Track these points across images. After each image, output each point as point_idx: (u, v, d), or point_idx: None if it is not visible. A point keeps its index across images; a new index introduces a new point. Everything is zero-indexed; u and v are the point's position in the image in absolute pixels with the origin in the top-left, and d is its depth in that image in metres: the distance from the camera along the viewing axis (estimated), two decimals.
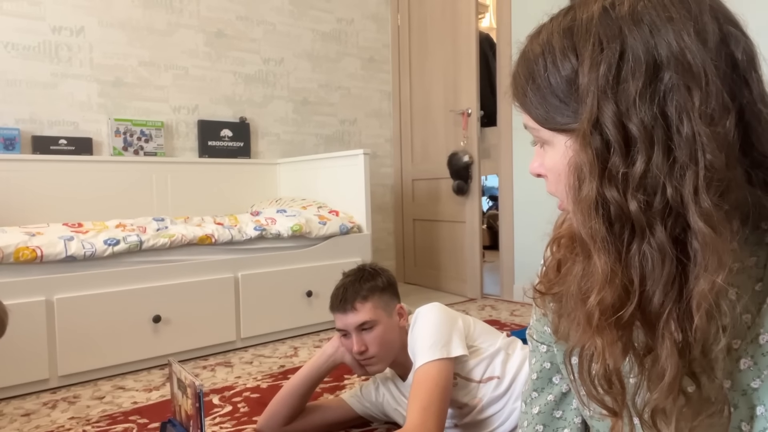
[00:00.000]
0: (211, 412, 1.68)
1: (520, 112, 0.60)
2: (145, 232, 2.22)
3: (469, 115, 3.29)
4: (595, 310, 0.52)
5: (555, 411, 0.76)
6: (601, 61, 0.49)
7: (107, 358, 2.06)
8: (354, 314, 1.34)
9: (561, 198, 0.60)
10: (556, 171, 0.58)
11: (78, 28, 2.78)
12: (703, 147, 0.47)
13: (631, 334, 0.52)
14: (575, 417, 0.74)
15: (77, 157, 2.73)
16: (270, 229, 2.50)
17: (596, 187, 0.50)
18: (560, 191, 0.59)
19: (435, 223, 3.65)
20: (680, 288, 0.49)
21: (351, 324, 1.34)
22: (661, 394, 0.51)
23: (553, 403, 0.76)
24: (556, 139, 0.56)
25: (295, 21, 3.53)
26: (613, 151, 0.49)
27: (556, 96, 0.54)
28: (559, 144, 0.56)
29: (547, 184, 0.62)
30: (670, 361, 0.50)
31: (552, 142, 0.57)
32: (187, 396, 1.12)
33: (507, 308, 3.03)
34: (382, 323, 1.35)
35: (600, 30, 0.50)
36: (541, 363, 0.77)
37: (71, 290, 1.99)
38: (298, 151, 3.52)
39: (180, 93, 3.10)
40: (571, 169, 0.53)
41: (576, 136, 0.52)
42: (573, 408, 0.75)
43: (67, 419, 1.68)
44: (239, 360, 2.24)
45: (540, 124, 0.57)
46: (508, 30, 3.21)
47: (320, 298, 2.58)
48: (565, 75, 0.52)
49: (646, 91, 0.48)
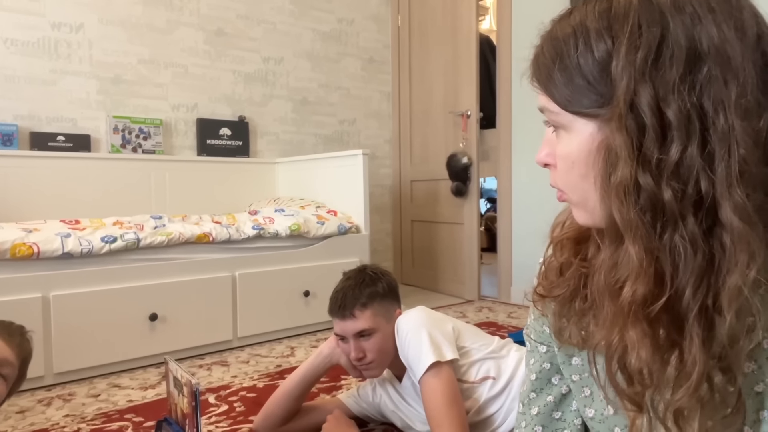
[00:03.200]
0: (207, 411, 1.68)
1: (539, 93, 0.59)
2: (142, 229, 2.21)
3: (469, 116, 3.28)
4: (630, 300, 0.51)
5: (554, 412, 0.75)
6: (640, 44, 0.49)
7: (103, 355, 2.05)
8: (353, 321, 1.32)
9: (569, 189, 0.58)
10: (569, 159, 0.57)
11: (78, 25, 2.78)
12: (737, 141, 0.47)
13: (659, 328, 0.52)
14: (575, 418, 0.74)
15: (75, 153, 2.72)
16: (268, 229, 2.49)
17: (631, 171, 0.49)
18: (570, 181, 0.58)
19: (433, 224, 3.65)
20: (710, 283, 0.49)
21: (349, 331, 1.33)
22: (686, 391, 0.51)
23: (552, 404, 0.75)
24: (575, 124, 0.55)
25: (295, 20, 3.53)
26: (648, 135, 0.48)
27: (584, 78, 0.52)
28: (579, 129, 0.55)
29: (554, 174, 0.61)
30: (698, 357, 0.49)
31: (570, 127, 0.56)
32: (183, 394, 1.11)
33: (504, 310, 3.02)
34: (380, 330, 1.34)
35: (640, 14, 0.49)
36: (540, 363, 0.76)
37: (67, 287, 1.98)
38: (297, 151, 3.52)
39: (179, 91, 3.09)
40: (600, 154, 0.53)
41: (608, 119, 0.51)
42: (573, 409, 0.74)
43: (62, 417, 1.67)
44: (236, 359, 2.23)
45: (562, 107, 0.55)
46: (508, 32, 3.21)
47: (318, 298, 2.57)
48: (598, 57, 0.51)
49: (686, 80, 0.48)
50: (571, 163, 0.56)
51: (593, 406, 0.69)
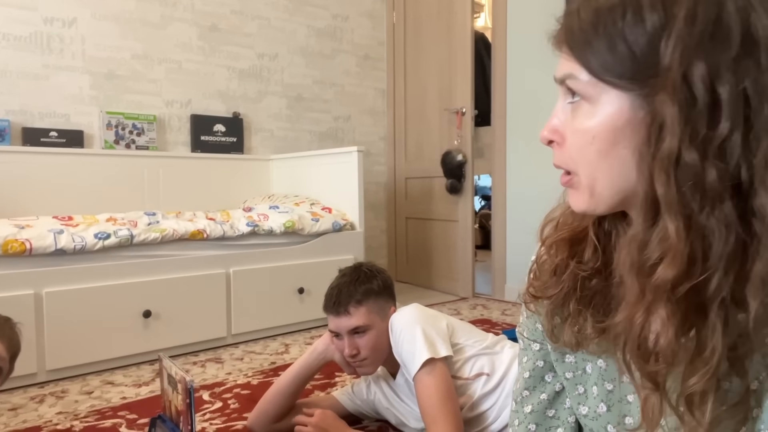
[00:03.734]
0: (201, 408, 1.67)
1: (566, 59, 0.56)
2: (136, 226, 2.20)
3: (464, 114, 3.29)
4: (663, 279, 0.50)
5: (548, 410, 0.75)
6: (696, 20, 0.49)
7: (96, 352, 2.04)
8: (347, 318, 1.33)
9: (580, 166, 0.56)
10: (590, 133, 0.55)
11: (71, 20, 2.75)
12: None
13: (683, 311, 0.51)
14: (569, 416, 0.74)
15: (68, 149, 2.70)
16: (262, 225, 2.49)
17: (679, 145, 0.49)
18: (584, 158, 0.56)
19: (428, 221, 3.65)
20: (737, 270, 0.49)
21: (344, 327, 1.33)
22: (702, 377, 0.51)
23: (546, 402, 0.75)
24: (605, 95, 0.53)
25: (290, 16, 3.51)
26: (698, 110, 0.48)
27: (629, 48, 0.51)
28: (607, 102, 0.53)
29: (560, 152, 0.59)
30: (718, 344, 0.50)
31: (597, 99, 0.54)
32: (177, 392, 1.11)
33: (498, 307, 3.03)
34: (375, 328, 1.34)
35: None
36: (533, 361, 0.76)
37: (60, 284, 1.97)
38: (291, 148, 3.51)
39: (173, 87, 3.08)
40: (631, 129, 0.52)
41: (647, 93, 0.51)
42: (566, 407, 0.74)
43: (54, 414, 1.66)
44: (230, 356, 2.23)
45: (596, 75, 0.53)
46: (503, 29, 3.21)
47: (312, 295, 2.57)
48: (649, 28, 0.50)
49: (740, 62, 0.48)
50: (592, 137, 0.55)
51: (586, 404, 0.69)
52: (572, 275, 0.65)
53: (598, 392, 0.68)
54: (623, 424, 0.66)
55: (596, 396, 0.68)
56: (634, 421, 0.64)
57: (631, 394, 0.65)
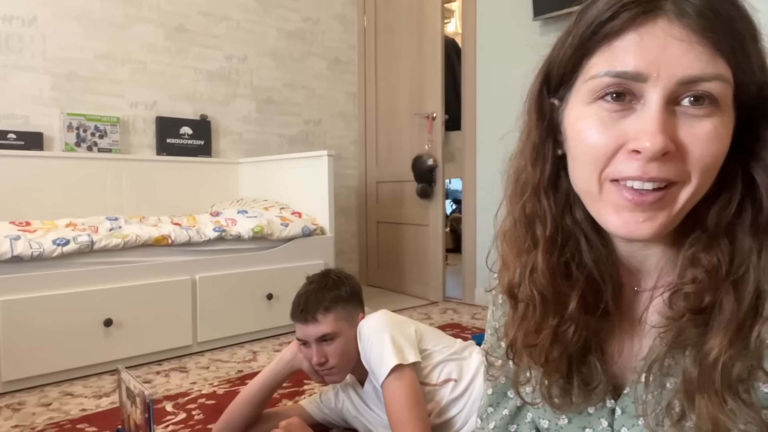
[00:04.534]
0: (163, 420, 1.63)
1: (710, 52, 0.48)
2: (97, 231, 2.13)
3: (434, 118, 3.29)
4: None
5: (510, 425, 0.74)
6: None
7: (55, 363, 1.97)
8: (315, 326, 1.31)
9: (705, 176, 0.51)
10: (725, 141, 0.51)
11: (30, 18, 2.67)
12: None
13: None
14: (530, 430, 0.74)
15: (27, 152, 2.61)
16: (230, 230, 2.44)
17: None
18: (714, 166, 0.52)
19: (399, 225, 3.65)
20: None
21: (311, 335, 1.32)
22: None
23: (508, 418, 0.74)
24: (730, 106, 0.51)
25: (259, 18, 3.47)
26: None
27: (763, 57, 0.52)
28: (731, 113, 0.51)
29: (682, 160, 0.51)
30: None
31: (726, 107, 0.51)
32: (136, 405, 1.07)
33: (468, 311, 3.04)
34: (343, 335, 1.33)
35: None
36: (496, 378, 0.75)
37: (17, 292, 1.89)
38: (260, 151, 3.46)
39: (137, 88, 3.00)
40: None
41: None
42: (527, 421, 0.74)
43: (10, 427, 1.60)
44: (195, 365, 2.18)
45: (739, 79, 0.50)
46: (473, 35, 3.23)
47: (281, 301, 2.53)
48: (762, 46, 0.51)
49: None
50: (725, 147, 0.51)
51: (546, 417, 0.69)
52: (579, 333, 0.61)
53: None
54: None
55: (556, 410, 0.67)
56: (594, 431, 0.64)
57: (592, 407, 0.65)
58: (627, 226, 0.52)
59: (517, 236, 0.63)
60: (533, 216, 0.61)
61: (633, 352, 0.62)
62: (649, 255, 0.60)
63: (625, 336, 0.64)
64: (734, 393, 0.51)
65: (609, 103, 0.51)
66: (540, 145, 0.60)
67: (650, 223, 0.52)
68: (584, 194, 0.56)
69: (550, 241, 0.60)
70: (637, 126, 0.50)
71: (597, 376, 0.62)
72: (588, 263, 0.60)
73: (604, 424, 0.64)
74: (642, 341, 0.61)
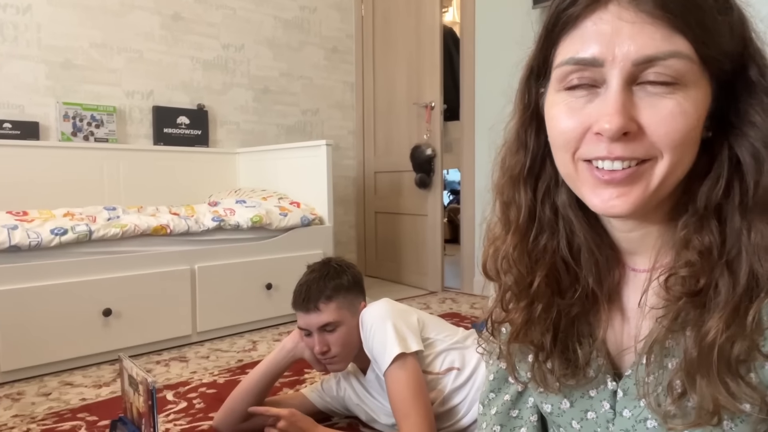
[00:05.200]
0: (164, 408, 1.62)
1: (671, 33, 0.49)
2: (95, 221, 2.12)
3: (432, 108, 3.28)
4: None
5: (511, 410, 0.75)
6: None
7: (54, 352, 1.96)
8: (317, 315, 1.31)
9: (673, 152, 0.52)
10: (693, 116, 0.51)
11: (25, 6, 2.63)
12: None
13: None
14: (531, 415, 0.74)
15: (23, 142, 2.59)
16: (229, 220, 2.43)
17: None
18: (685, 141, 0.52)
19: (397, 216, 3.64)
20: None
21: (313, 324, 1.31)
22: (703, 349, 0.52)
23: (509, 403, 0.75)
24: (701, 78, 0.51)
25: (256, 7, 3.44)
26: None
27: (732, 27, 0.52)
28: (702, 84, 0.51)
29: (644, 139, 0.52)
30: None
31: (695, 81, 0.51)
32: (138, 393, 1.07)
33: (467, 301, 3.04)
34: (345, 324, 1.33)
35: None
36: (497, 363, 0.76)
37: (15, 282, 1.88)
38: (258, 141, 3.44)
39: (134, 77, 2.98)
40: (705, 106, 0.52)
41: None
42: (529, 406, 0.74)
43: (10, 417, 1.59)
44: (195, 354, 2.17)
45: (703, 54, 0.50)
46: (471, 24, 3.21)
47: (280, 290, 2.53)
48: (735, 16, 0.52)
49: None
50: (696, 120, 0.52)
51: (548, 401, 0.69)
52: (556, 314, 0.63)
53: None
54: (586, 419, 0.66)
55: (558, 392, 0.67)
56: (598, 415, 0.65)
57: (593, 389, 0.65)
58: (604, 204, 0.54)
59: (496, 221, 0.67)
60: (510, 202, 0.64)
61: (632, 333, 0.62)
62: (645, 235, 0.60)
63: (620, 318, 0.64)
64: (734, 374, 0.52)
65: (576, 90, 0.53)
66: (522, 133, 0.63)
67: (625, 198, 0.53)
68: (566, 177, 0.59)
69: (523, 226, 0.63)
70: (599, 109, 0.52)
71: (585, 356, 0.63)
72: (563, 248, 0.62)
73: (606, 406, 0.64)
74: (642, 323, 0.60)
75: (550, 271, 0.62)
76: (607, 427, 0.64)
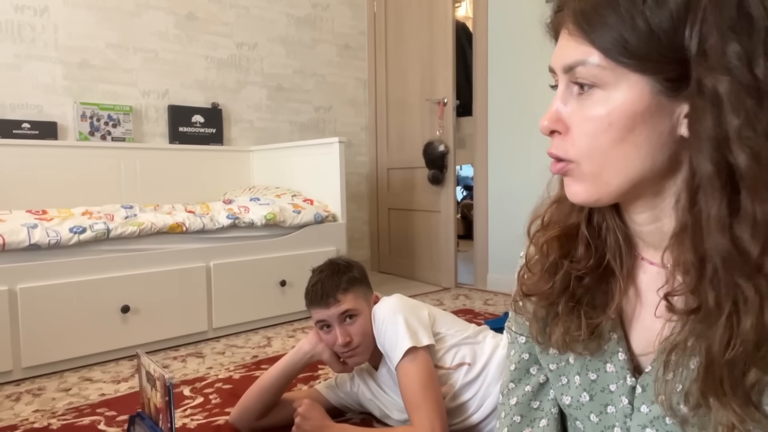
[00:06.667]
0: (181, 403, 1.65)
1: (578, 43, 0.54)
2: (112, 219, 2.16)
3: (445, 104, 3.27)
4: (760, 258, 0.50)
5: (532, 402, 0.75)
6: (722, 4, 0.49)
7: (73, 349, 2.00)
8: (337, 306, 1.33)
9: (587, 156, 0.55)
10: (605, 121, 0.53)
11: (42, 8, 2.67)
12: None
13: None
14: (552, 407, 0.74)
15: (41, 141, 2.63)
16: (243, 218, 2.46)
17: (743, 119, 0.48)
18: (594, 147, 0.55)
19: (410, 212, 3.65)
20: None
21: (334, 315, 1.33)
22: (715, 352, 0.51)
23: (530, 394, 0.75)
24: (624, 80, 0.52)
25: (269, 5, 3.46)
26: (745, 91, 0.48)
27: (652, 29, 0.50)
28: (627, 87, 0.52)
29: (562, 142, 0.57)
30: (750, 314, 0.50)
31: (616, 84, 0.53)
32: (156, 389, 1.09)
33: (481, 297, 3.04)
34: (363, 314, 1.36)
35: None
36: (519, 354, 0.77)
37: (35, 279, 1.92)
38: (271, 139, 3.47)
39: (149, 77, 3.01)
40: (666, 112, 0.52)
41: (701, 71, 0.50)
42: (550, 398, 0.75)
43: (31, 412, 1.63)
44: (211, 350, 2.20)
45: (613, 57, 0.52)
46: (484, 19, 3.20)
47: (294, 287, 2.55)
48: (673, 8, 0.49)
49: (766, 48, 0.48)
50: (607, 125, 0.53)
51: (569, 393, 0.69)
52: (565, 275, 0.65)
53: (580, 382, 0.68)
54: (605, 413, 0.66)
55: (578, 386, 0.68)
56: (617, 410, 0.65)
57: (613, 384, 0.65)
58: (566, 190, 0.60)
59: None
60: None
61: (654, 329, 0.61)
62: (655, 231, 0.61)
63: (636, 301, 0.65)
64: (745, 398, 0.51)
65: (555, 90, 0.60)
66: None
67: (573, 189, 0.59)
68: None
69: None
70: None
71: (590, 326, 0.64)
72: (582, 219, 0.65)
73: (624, 401, 0.64)
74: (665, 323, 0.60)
75: (563, 233, 0.65)
76: (624, 422, 0.64)
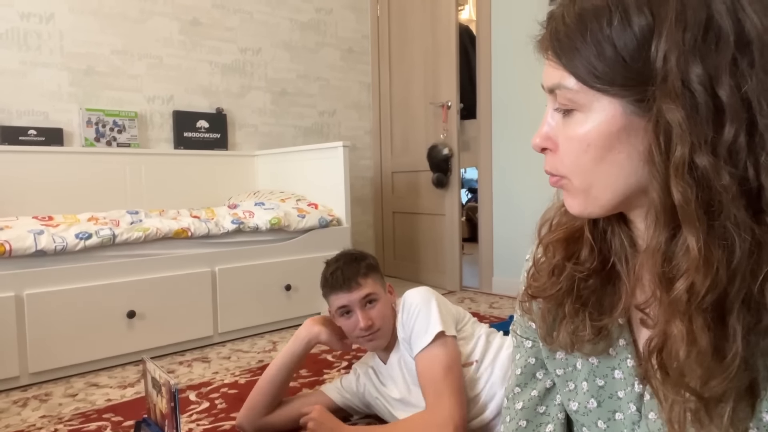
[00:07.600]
0: (187, 408, 1.65)
1: (554, 68, 0.55)
2: (118, 225, 2.16)
3: (449, 107, 3.27)
4: (689, 293, 0.49)
5: (539, 406, 0.75)
6: (686, 23, 0.48)
7: (80, 354, 2.01)
8: (359, 290, 1.37)
9: (575, 174, 0.57)
10: (584, 141, 0.55)
11: (48, 15, 2.70)
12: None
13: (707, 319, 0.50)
14: (559, 412, 0.74)
15: (47, 148, 2.65)
16: (248, 223, 2.46)
17: (689, 150, 0.48)
18: (580, 165, 0.56)
19: (414, 215, 3.65)
20: (754, 273, 0.48)
21: (356, 299, 1.36)
22: (722, 381, 0.50)
23: (536, 399, 0.75)
24: (597, 103, 0.53)
25: (272, 10, 3.47)
26: (701, 114, 0.48)
27: (618, 53, 0.50)
28: (600, 109, 0.53)
29: (553, 159, 0.59)
30: (738, 347, 0.49)
31: (590, 107, 0.54)
32: (161, 395, 1.09)
33: (486, 300, 3.04)
34: (382, 299, 1.40)
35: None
36: (525, 359, 0.76)
37: (42, 285, 1.93)
38: (276, 143, 3.47)
39: (154, 82, 3.03)
40: (641, 131, 0.51)
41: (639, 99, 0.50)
42: (557, 403, 0.74)
43: (38, 418, 1.64)
44: (216, 355, 2.21)
45: (586, 83, 0.53)
46: (487, 22, 3.20)
47: (299, 291, 2.55)
48: (637, 32, 0.49)
49: (736, 63, 0.47)
50: (586, 145, 0.55)
51: (576, 399, 0.69)
52: (569, 276, 0.65)
53: (588, 388, 0.68)
54: (613, 420, 0.66)
55: (586, 392, 0.68)
56: (624, 417, 0.64)
57: (621, 390, 0.65)
58: (564, 201, 0.62)
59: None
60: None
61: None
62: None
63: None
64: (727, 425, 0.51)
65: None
66: None
67: (568, 202, 0.60)
68: None
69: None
70: None
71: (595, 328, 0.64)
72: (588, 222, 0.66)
73: (632, 408, 0.64)
74: None
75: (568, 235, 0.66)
76: (633, 429, 0.64)
